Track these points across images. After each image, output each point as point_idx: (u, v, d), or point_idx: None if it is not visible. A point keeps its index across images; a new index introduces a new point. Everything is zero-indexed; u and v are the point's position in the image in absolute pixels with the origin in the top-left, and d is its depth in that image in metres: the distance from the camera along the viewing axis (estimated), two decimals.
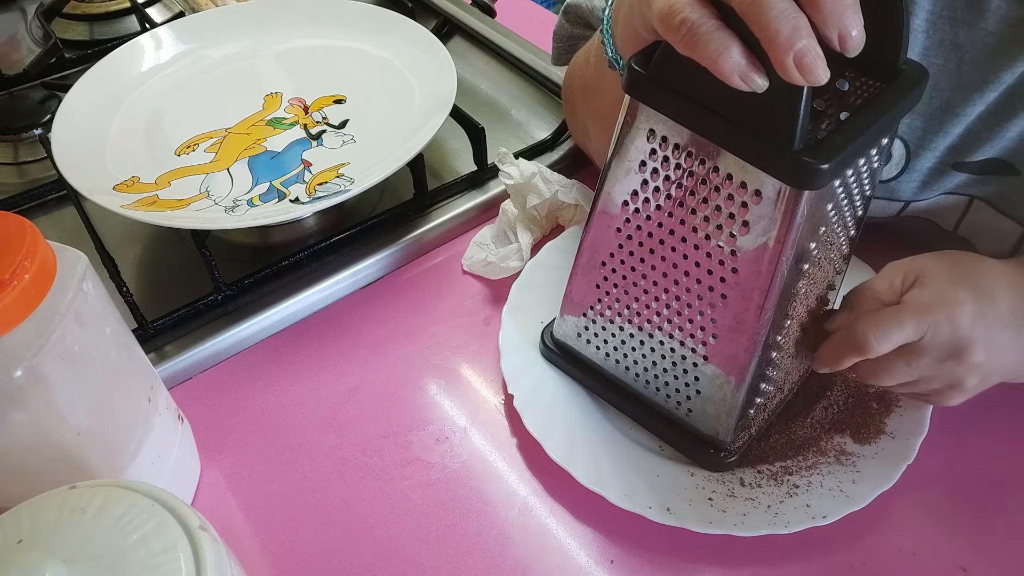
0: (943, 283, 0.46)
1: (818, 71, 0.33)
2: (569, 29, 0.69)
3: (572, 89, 0.68)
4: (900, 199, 0.57)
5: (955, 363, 0.46)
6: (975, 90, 0.51)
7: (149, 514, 0.36)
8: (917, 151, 0.54)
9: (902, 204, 0.57)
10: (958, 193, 0.56)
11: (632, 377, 0.52)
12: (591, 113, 0.64)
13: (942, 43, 0.51)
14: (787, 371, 0.51)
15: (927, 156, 0.54)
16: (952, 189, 0.56)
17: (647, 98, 0.41)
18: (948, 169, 0.54)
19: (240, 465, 0.54)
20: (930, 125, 0.53)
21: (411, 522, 0.51)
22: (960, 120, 0.52)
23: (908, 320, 0.45)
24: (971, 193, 0.55)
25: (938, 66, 0.51)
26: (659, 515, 0.48)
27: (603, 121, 0.62)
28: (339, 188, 0.62)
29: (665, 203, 0.43)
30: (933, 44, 0.51)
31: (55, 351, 0.40)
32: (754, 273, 0.42)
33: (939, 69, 0.51)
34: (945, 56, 0.51)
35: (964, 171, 0.54)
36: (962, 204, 0.56)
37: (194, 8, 0.88)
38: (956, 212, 0.57)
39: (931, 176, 0.55)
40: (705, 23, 0.35)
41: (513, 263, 0.64)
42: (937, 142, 0.53)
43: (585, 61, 0.63)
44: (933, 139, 0.53)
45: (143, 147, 0.68)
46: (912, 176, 0.55)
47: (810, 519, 0.47)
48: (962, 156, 0.54)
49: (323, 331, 0.62)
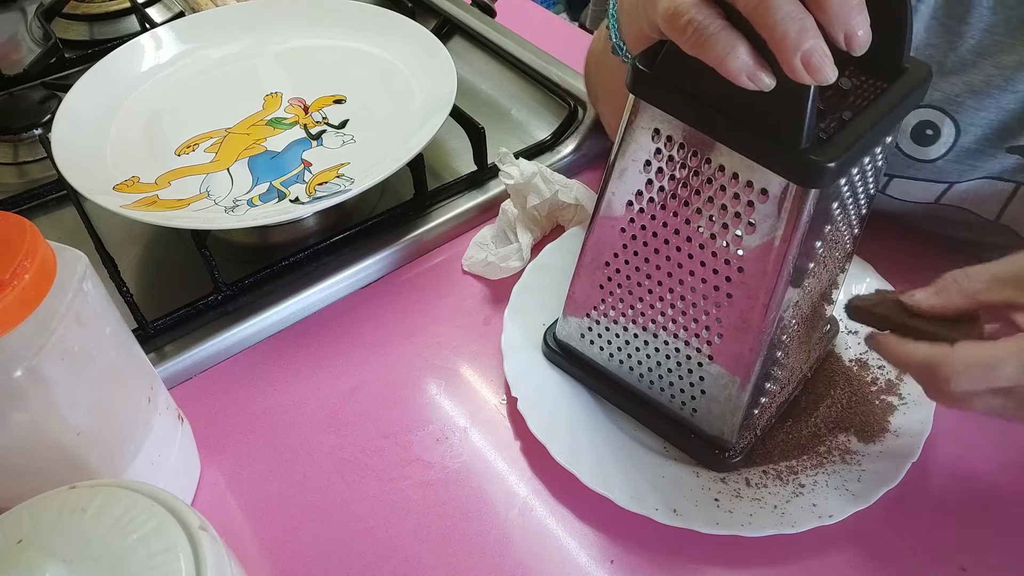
0: None
1: (826, 70, 0.33)
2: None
3: (590, 58, 0.69)
4: (945, 180, 0.56)
5: None
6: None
7: (149, 514, 0.36)
8: (967, 128, 0.53)
9: (944, 187, 0.56)
10: (1004, 179, 0.54)
11: (636, 377, 0.52)
12: (601, 88, 0.66)
13: (1009, 20, 0.50)
14: (791, 370, 0.51)
15: (976, 134, 0.53)
16: (999, 174, 0.54)
17: (652, 97, 0.41)
18: (1000, 151, 0.53)
19: (240, 465, 0.54)
20: (984, 102, 0.52)
21: (411, 522, 0.51)
22: (1017, 96, 0.51)
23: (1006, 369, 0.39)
24: (1019, 180, 0.54)
25: (1003, 43, 0.51)
26: (666, 516, 0.48)
27: (609, 98, 0.64)
28: (339, 188, 0.62)
29: (670, 202, 0.43)
30: (1000, 20, 0.51)
31: (55, 351, 0.40)
32: (760, 272, 0.41)
33: (1003, 46, 0.51)
34: (1011, 33, 0.51)
35: (1018, 154, 0.53)
36: (1007, 191, 0.55)
37: (194, 8, 0.87)
38: (999, 199, 0.55)
39: (979, 157, 0.54)
40: (711, 23, 0.35)
41: (513, 263, 0.63)
42: (989, 119, 0.52)
43: (598, 37, 0.64)
44: (986, 116, 0.52)
45: (143, 147, 0.68)
46: (959, 155, 0.54)
47: (816, 518, 0.47)
48: (1016, 138, 0.52)
49: (323, 331, 0.62)
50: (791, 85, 0.34)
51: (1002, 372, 0.39)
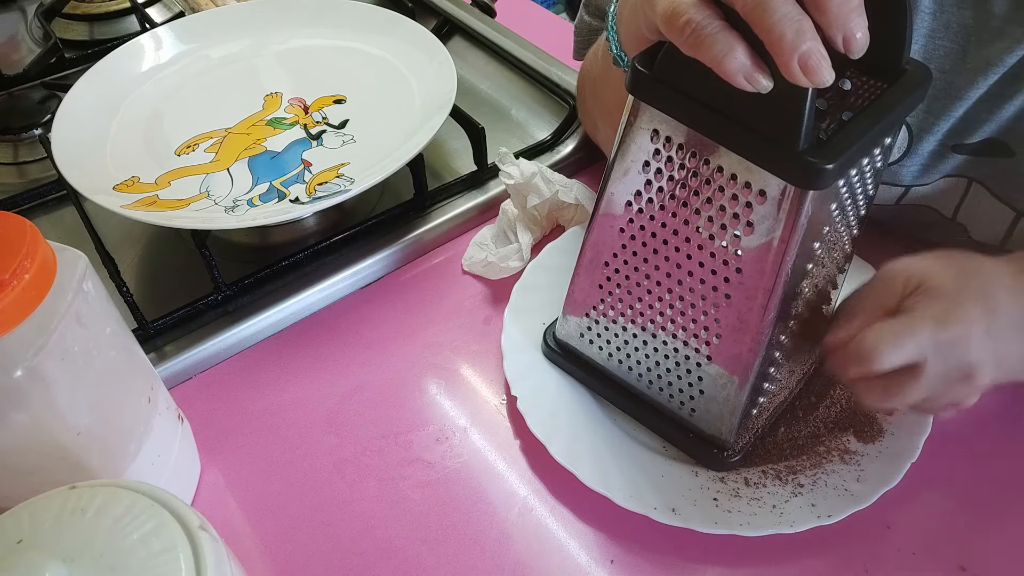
0: (951, 294, 0.44)
1: (823, 73, 0.33)
2: (588, 22, 0.70)
3: (583, 83, 0.68)
4: (901, 184, 0.57)
5: (963, 384, 0.44)
6: (979, 72, 0.50)
7: (149, 514, 0.36)
8: (920, 134, 0.54)
9: (903, 189, 0.57)
10: (957, 175, 0.55)
11: (635, 377, 0.52)
12: (599, 107, 0.65)
13: (948, 25, 0.51)
14: (790, 370, 0.51)
15: (929, 139, 0.54)
16: (951, 171, 0.55)
17: (650, 98, 0.41)
18: (948, 151, 0.54)
19: (240, 465, 0.54)
20: (934, 108, 0.53)
21: (411, 522, 0.51)
22: (962, 103, 0.52)
23: (923, 332, 0.43)
24: (969, 175, 0.55)
25: (944, 48, 0.51)
26: (664, 516, 0.48)
27: (609, 117, 0.63)
28: (339, 188, 0.62)
29: (668, 203, 0.43)
30: (940, 26, 0.51)
31: (55, 351, 0.40)
32: (758, 273, 0.41)
33: (945, 51, 0.51)
34: (952, 38, 0.51)
35: (962, 152, 0.54)
36: (961, 187, 0.56)
37: (194, 8, 0.87)
38: (955, 196, 0.56)
39: (932, 159, 0.55)
40: (710, 24, 0.35)
41: (513, 263, 0.63)
42: (940, 125, 0.53)
43: (594, 56, 0.63)
44: (936, 122, 0.53)
45: (143, 147, 0.68)
46: (914, 160, 0.55)
47: (815, 518, 0.47)
48: (961, 138, 0.53)
49: (323, 331, 0.62)
50: (789, 87, 0.34)
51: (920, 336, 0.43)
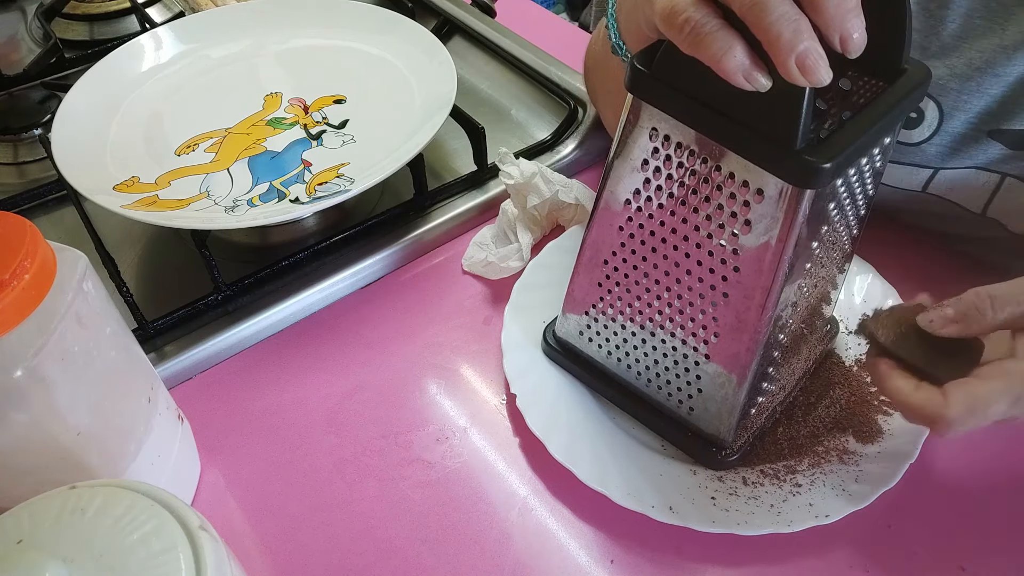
0: None
1: (820, 72, 0.33)
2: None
3: (589, 57, 0.69)
4: (929, 165, 0.56)
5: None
6: (1018, 50, 0.50)
7: (149, 514, 0.36)
8: (951, 112, 0.53)
9: (930, 173, 0.56)
10: (990, 170, 0.55)
11: (634, 375, 0.52)
12: (601, 87, 0.66)
13: (988, 4, 0.51)
14: (789, 370, 0.51)
15: (960, 118, 0.53)
16: (984, 164, 0.55)
17: (650, 97, 0.41)
18: (983, 136, 0.53)
19: (240, 465, 0.54)
20: (966, 86, 0.52)
21: (411, 522, 0.51)
22: (999, 81, 0.51)
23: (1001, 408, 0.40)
24: (1004, 171, 0.54)
25: (982, 27, 0.51)
26: (662, 514, 0.48)
27: (610, 97, 0.64)
28: (339, 188, 0.62)
29: (667, 202, 0.43)
30: (979, 5, 0.51)
31: (55, 351, 0.40)
32: (756, 272, 0.41)
33: (983, 30, 0.51)
34: (990, 17, 0.51)
35: (999, 140, 0.53)
36: (992, 183, 0.55)
37: (194, 8, 0.87)
38: (985, 192, 0.56)
39: (964, 143, 0.54)
40: (708, 22, 0.35)
41: (513, 263, 0.63)
42: (972, 103, 0.53)
43: (597, 36, 0.64)
44: (968, 100, 0.52)
45: (143, 147, 0.68)
46: (943, 139, 0.54)
47: (813, 518, 0.47)
48: (998, 122, 0.53)
49: (323, 331, 0.62)
50: (787, 86, 0.34)
51: (994, 411, 0.41)
